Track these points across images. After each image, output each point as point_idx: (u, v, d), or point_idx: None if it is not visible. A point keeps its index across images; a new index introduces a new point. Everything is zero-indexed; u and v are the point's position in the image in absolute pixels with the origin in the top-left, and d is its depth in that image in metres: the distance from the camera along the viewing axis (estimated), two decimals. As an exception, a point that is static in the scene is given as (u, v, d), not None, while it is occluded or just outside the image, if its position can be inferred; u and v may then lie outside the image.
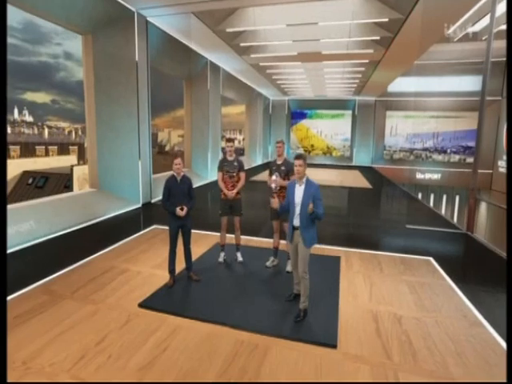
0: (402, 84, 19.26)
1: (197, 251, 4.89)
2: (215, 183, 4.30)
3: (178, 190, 3.87)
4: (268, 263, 4.59)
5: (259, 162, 21.43)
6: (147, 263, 4.50)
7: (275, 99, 23.52)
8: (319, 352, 2.76)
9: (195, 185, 11.28)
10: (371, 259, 4.89)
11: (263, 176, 15.04)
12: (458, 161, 20.35)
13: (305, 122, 23.98)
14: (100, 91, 7.81)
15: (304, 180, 3.26)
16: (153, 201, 8.82)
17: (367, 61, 11.40)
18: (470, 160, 19.81)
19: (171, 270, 3.99)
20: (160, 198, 3.91)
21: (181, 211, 3.83)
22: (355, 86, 17.00)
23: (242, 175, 4.57)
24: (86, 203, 7.16)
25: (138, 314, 3.26)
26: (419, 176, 21.41)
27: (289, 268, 4.39)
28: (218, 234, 5.56)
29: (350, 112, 22.78)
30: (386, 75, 13.86)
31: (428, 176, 21.01)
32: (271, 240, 5.46)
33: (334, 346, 2.80)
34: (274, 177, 4.34)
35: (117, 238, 5.51)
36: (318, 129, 23.48)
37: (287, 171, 4.38)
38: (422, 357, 2.74)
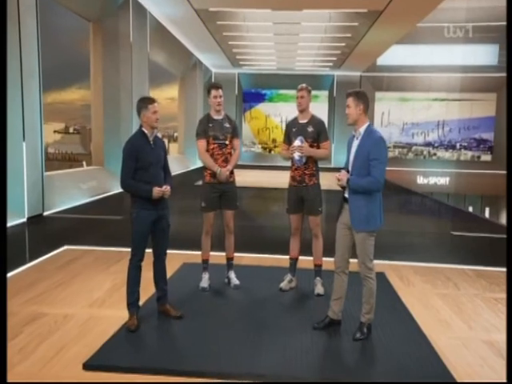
0: (397, 55, 20.52)
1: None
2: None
3: (151, 156, 3.37)
4: (283, 284, 4.25)
5: (200, 163, 20.88)
6: (77, 301, 3.96)
7: (220, 72, 23.32)
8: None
9: (112, 190, 10.45)
10: (433, 273, 5.00)
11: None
12: (470, 159, 22.11)
13: (263, 107, 24.23)
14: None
15: (362, 130, 3.13)
16: (47, 213, 7.98)
17: (365, 10, 11.77)
18: (486, 158, 21.62)
19: (132, 301, 3.38)
20: (59, 209, 3.18)
21: (160, 190, 3.26)
22: (338, 52, 17.58)
23: (237, 143, 4.31)
24: None
25: None
26: (421, 181, 22.73)
27: (319, 289, 4.10)
28: (182, 252, 5.30)
29: (326, 93, 23.50)
30: (385, 36, 14.50)
31: (433, 180, 22.40)
32: (271, 257, 5.09)
33: (458, 393, 2.61)
34: (297, 141, 3.92)
35: None
36: (282, 116, 23.74)
37: (318, 133, 4.05)
38: None
